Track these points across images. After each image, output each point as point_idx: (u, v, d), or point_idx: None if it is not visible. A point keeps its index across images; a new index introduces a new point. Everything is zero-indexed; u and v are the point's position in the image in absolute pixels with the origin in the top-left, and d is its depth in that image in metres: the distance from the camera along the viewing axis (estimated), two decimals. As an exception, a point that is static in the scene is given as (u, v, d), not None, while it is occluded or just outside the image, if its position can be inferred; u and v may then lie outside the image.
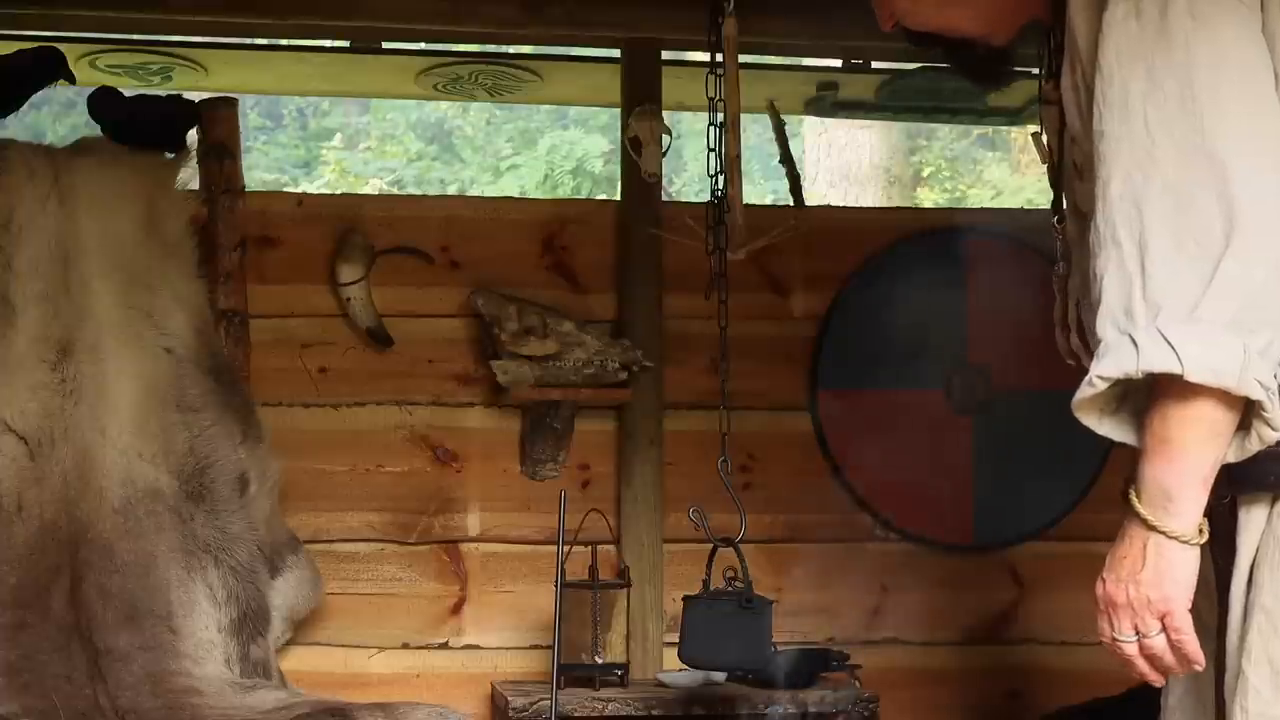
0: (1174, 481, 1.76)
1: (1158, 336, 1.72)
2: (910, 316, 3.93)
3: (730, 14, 3.03)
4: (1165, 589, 1.78)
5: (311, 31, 4.18)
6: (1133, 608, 1.80)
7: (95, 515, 3.22)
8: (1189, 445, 1.75)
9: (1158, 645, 1.80)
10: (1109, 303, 1.77)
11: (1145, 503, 1.78)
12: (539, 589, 3.75)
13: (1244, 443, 1.78)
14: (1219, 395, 1.72)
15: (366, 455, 3.81)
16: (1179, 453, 1.75)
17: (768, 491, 3.86)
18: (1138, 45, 1.80)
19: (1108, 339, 1.77)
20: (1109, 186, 1.80)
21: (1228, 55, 1.78)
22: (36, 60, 3.57)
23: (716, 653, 3.17)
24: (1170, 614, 1.79)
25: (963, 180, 11.53)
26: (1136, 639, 1.81)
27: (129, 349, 3.36)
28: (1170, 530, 1.77)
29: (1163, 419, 1.76)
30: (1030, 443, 3.84)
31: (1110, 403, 1.82)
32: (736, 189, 3.10)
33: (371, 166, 12.47)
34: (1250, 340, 1.71)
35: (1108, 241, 1.79)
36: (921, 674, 3.95)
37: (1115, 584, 1.81)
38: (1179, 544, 1.77)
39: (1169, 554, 1.78)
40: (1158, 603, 1.78)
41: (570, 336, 3.76)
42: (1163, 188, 1.75)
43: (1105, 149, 1.81)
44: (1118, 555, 1.82)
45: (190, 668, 3.16)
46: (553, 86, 4.27)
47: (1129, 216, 1.77)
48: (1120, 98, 1.80)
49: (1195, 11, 1.78)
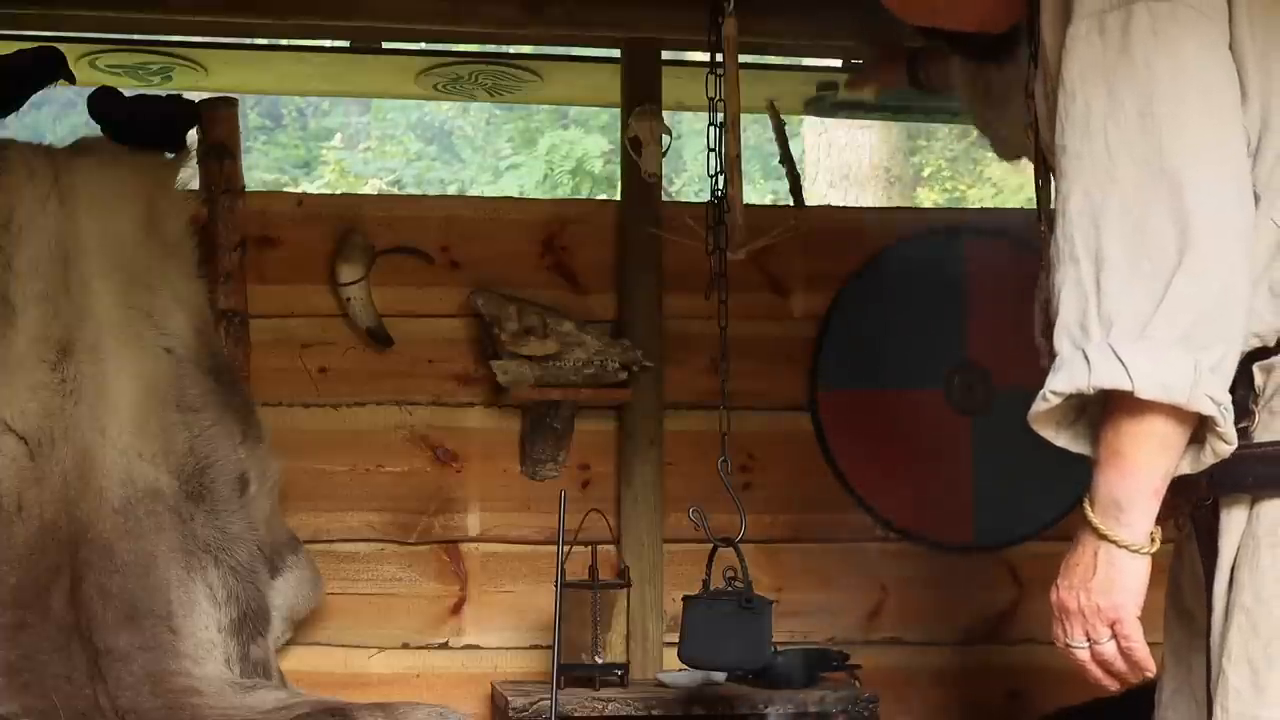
0: (1125, 493, 1.79)
1: (1109, 353, 1.74)
2: (910, 316, 3.93)
3: (730, 14, 3.03)
4: (1115, 597, 1.81)
5: (311, 31, 4.18)
6: (1084, 614, 1.84)
7: (95, 515, 3.23)
8: (1140, 458, 1.78)
9: (1108, 651, 1.84)
10: (1064, 318, 1.80)
11: (1097, 512, 1.81)
12: (539, 589, 3.75)
13: (1198, 456, 1.80)
14: (1169, 410, 1.75)
15: (366, 455, 3.81)
16: (1130, 466, 1.78)
17: (768, 491, 3.87)
18: (1100, 62, 1.81)
19: (1063, 353, 1.80)
20: (1068, 202, 1.82)
21: (1189, 74, 1.79)
22: (36, 60, 3.57)
23: (716, 653, 3.17)
24: (1120, 621, 1.82)
25: (963, 180, 11.53)
26: (1088, 645, 1.85)
27: (129, 349, 3.36)
28: (1120, 540, 1.80)
29: (1115, 432, 1.78)
30: (1030, 443, 3.81)
31: (1068, 414, 1.85)
32: (736, 189, 3.10)
33: (371, 166, 12.48)
34: (1202, 356, 1.73)
35: (1065, 257, 1.81)
36: (921, 674, 3.95)
37: (1067, 590, 1.85)
38: (1129, 553, 1.80)
39: (1119, 563, 1.81)
40: (1107, 610, 1.82)
41: (570, 336, 3.76)
42: (1120, 205, 1.77)
43: (1066, 164, 1.83)
44: (1070, 563, 1.86)
45: (190, 668, 3.16)
46: (553, 86, 4.27)
47: (1086, 233, 1.79)
48: (1082, 115, 1.81)
49: (1158, 29, 1.79)
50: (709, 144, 3.15)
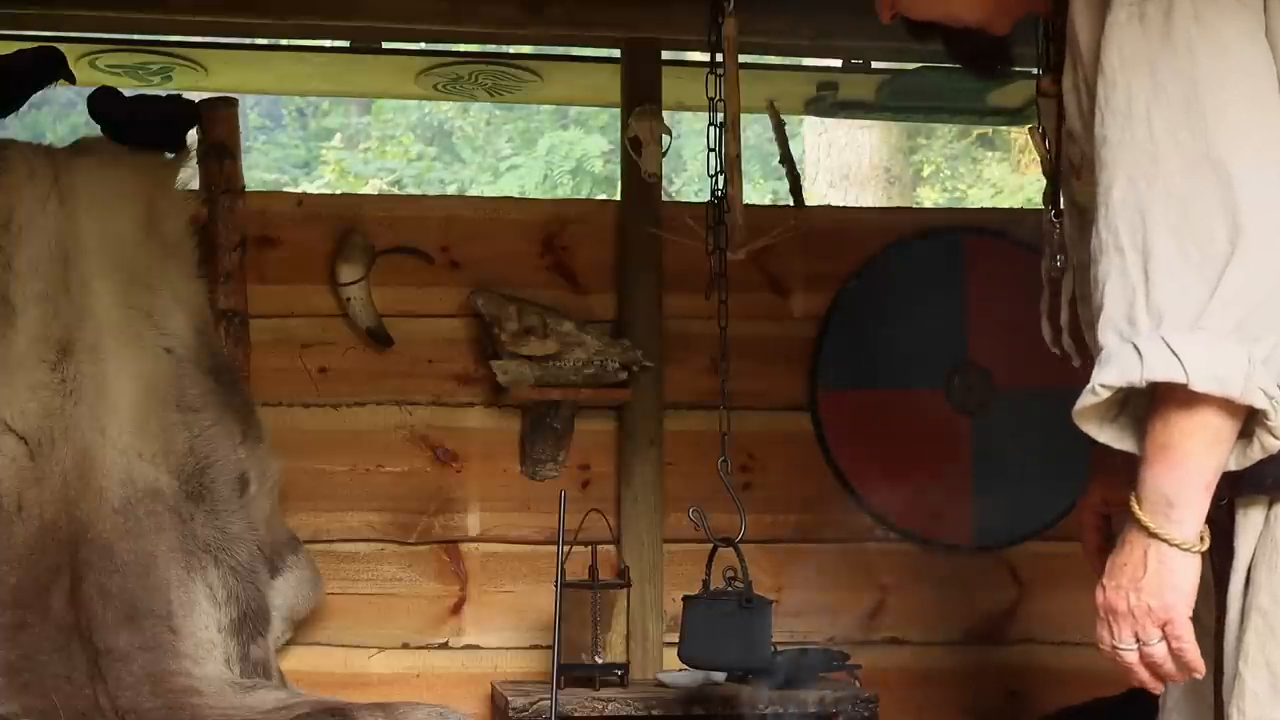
0: (1175, 489, 1.75)
1: (1162, 345, 1.71)
2: (910, 316, 3.93)
3: (730, 14, 3.03)
4: (1166, 597, 1.77)
5: (311, 31, 4.18)
6: (1133, 615, 1.79)
7: (95, 515, 3.23)
8: (1191, 453, 1.74)
9: (1158, 653, 1.80)
10: (1110, 310, 1.77)
11: (1146, 510, 1.77)
12: (539, 589, 3.75)
13: (1246, 450, 1.77)
14: (1222, 403, 1.72)
15: (366, 455, 3.81)
16: (1181, 460, 1.75)
17: (768, 491, 3.87)
18: (1141, 49, 1.78)
19: (1109, 347, 1.76)
20: (1111, 192, 1.79)
21: (1232, 59, 1.77)
22: (36, 60, 3.57)
23: (716, 653, 3.17)
24: (1171, 622, 1.78)
25: (963, 180, 11.52)
26: (1137, 647, 1.80)
27: (129, 349, 3.36)
28: (1172, 538, 1.76)
29: (1165, 426, 1.75)
30: (1030, 443, 3.84)
31: (1110, 409, 1.81)
32: (736, 189, 3.10)
33: (371, 166, 12.47)
34: (1254, 349, 1.71)
35: (1110, 248, 1.78)
36: (921, 674, 3.95)
37: (1115, 591, 1.80)
38: (1180, 551, 1.76)
39: (1171, 561, 1.77)
40: (1159, 610, 1.78)
41: (570, 336, 3.76)
42: (1166, 194, 1.75)
43: (1108, 154, 1.80)
44: (1118, 562, 1.81)
45: (190, 668, 3.16)
46: (553, 86, 4.27)
47: (1132, 223, 1.76)
48: (1123, 103, 1.79)
49: (1200, 16, 1.77)
50: (709, 144, 3.15)
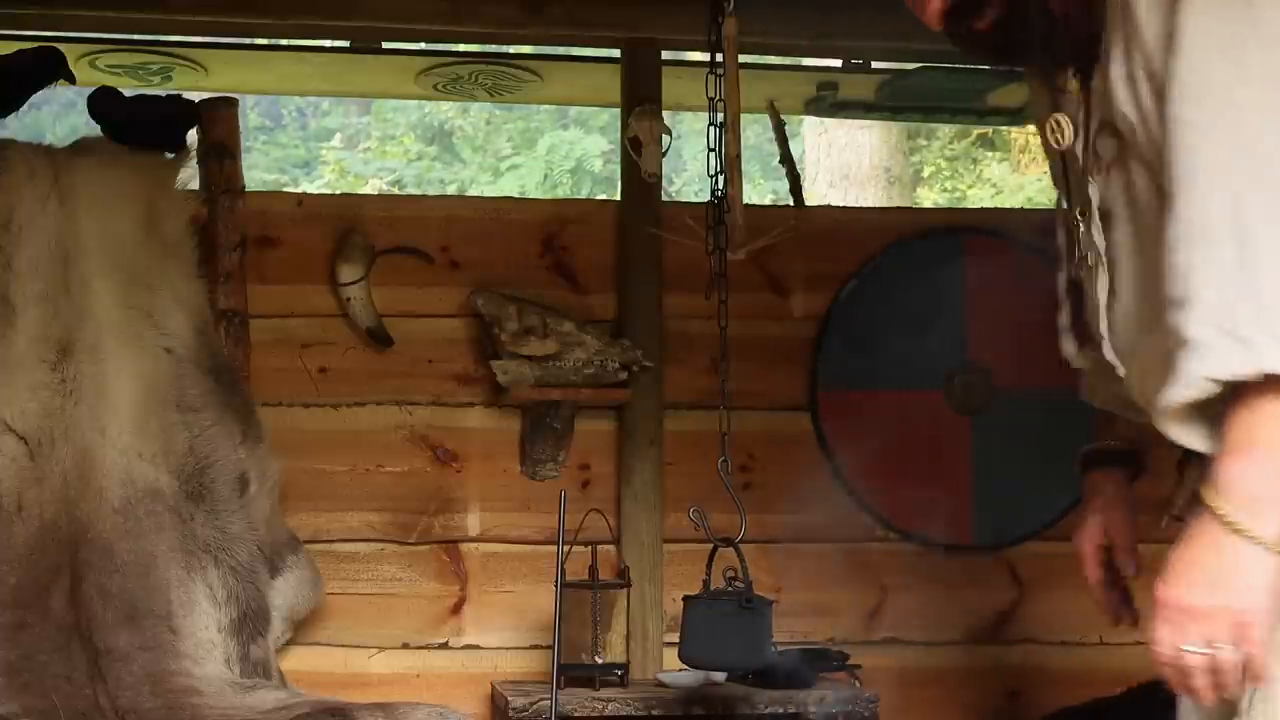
0: (1262, 484, 1.69)
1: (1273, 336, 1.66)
2: (910, 316, 3.93)
3: (730, 14, 3.04)
4: (1248, 599, 1.70)
5: (311, 31, 4.18)
6: (1210, 618, 1.71)
7: (95, 515, 3.22)
8: None
9: (1227, 659, 1.72)
10: (1207, 301, 1.70)
11: (1230, 507, 1.69)
12: (539, 589, 3.75)
13: None
14: None
15: (366, 455, 3.81)
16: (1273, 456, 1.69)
17: (768, 491, 3.86)
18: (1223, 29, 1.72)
19: (1204, 339, 1.70)
20: (1195, 177, 1.73)
21: None
22: (36, 60, 3.57)
23: (716, 653, 3.17)
24: (1252, 625, 1.71)
25: (963, 180, 11.53)
26: (1205, 651, 1.72)
27: (129, 349, 3.36)
28: (1259, 537, 1.69)
29: (1259, 420, 1.69)
30: (1030, 443, 3.84)
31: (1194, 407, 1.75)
32: (736, 189, 3.10)
33: (371, 166, 12.49)
34: None
35: (1196, 236, 1.72)
36: (921, 674, 3.95)
37: (1188, 590, 1.72)
38: (1265, 550, 1.69)
39: (1253, 561, 1.69)
40: (1239, 613, 1.70)
41: (570, 336, 3.76)
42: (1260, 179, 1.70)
43: (1185, 136, 1.74)
44: (1188, 560, 1.73)
45: (190, 668, 3.16)
46: (553, 86, 4.27)
47: (1225, 209, 1.70)
48: (1203, 85, 1.72)
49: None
50: (709, 144, 3.15)
